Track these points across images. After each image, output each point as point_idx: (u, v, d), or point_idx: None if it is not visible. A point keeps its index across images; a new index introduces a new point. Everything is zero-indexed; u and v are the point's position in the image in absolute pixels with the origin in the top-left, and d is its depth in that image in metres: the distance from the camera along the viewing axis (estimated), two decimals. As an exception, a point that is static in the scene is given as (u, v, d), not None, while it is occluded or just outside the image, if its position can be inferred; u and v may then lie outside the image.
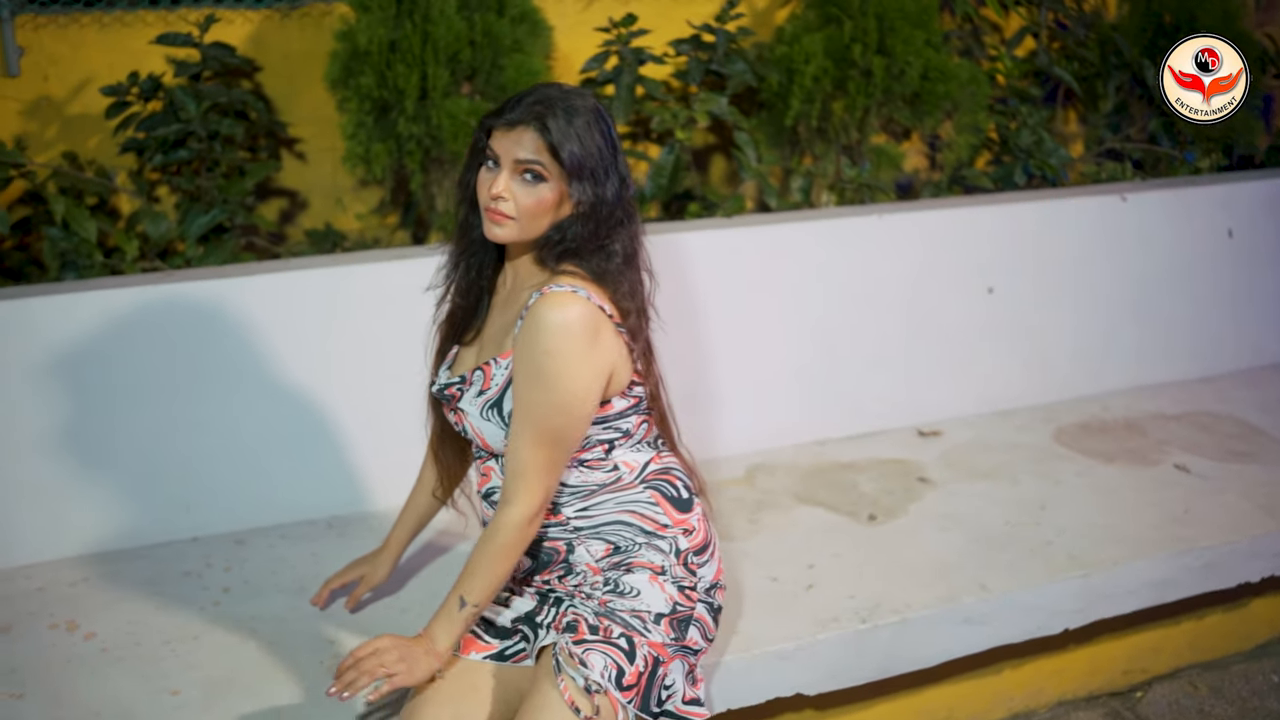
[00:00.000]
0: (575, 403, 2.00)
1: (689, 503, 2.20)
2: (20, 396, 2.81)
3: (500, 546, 2.03)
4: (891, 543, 2.91)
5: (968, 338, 3.59)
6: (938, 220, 3.53)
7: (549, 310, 1.96)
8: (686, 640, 2.13)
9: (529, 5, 3.41)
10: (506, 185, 1.99)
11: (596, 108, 2.05)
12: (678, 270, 3.25)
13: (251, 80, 3.66)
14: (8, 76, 3.47)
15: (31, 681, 2.42)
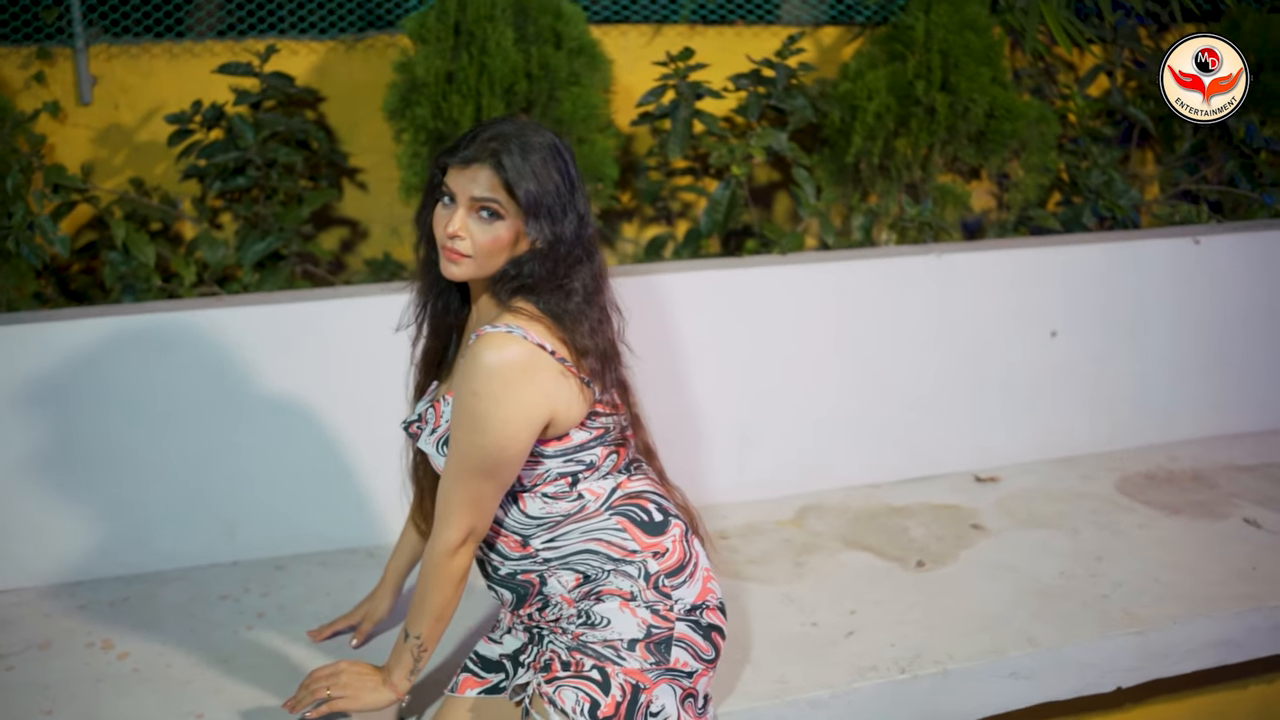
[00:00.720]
0: (501, 443, 1.98)
1: (662, 525, 2.16)
2: (68, 416, 2.85)
3: (427, 579, 2.07)
4: (938, 590, 2.82)
5: (1030, 381, 3.48)
6: (1000, 261, 3.44)
7: (481, 351, 1.96)
8: (671, 663, 2.08)
9: (588, 38, 3.41)
10: (462, 223, 1.99)
11: (554, 143, 2.03)
12: (732, 307, 3.22)
13: (315, 110, 3.71)
14: (80, 105, 3.56)
15: (63, 700, 2.43)
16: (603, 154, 3.43)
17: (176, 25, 3.56)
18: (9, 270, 3.15)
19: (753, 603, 2.77)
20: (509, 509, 2.14)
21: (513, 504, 2.13)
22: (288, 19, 3.64)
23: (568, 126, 3.36)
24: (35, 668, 2.56)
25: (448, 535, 2.04)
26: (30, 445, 2.85)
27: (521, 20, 3.33)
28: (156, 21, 3.55)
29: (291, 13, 3.63)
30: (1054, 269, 3.49)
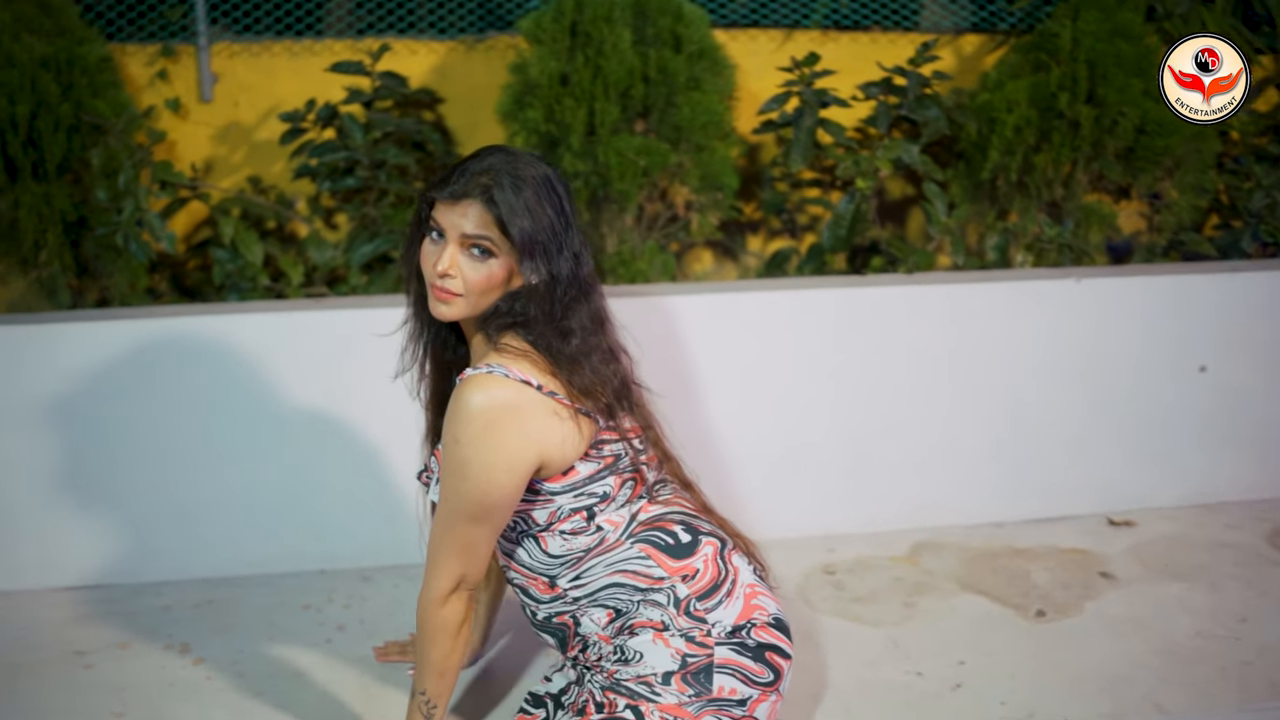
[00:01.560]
0: (485, 489, 1.89)
1: (690, 546, 2.03)
2: (164, 414, 2.83)
3: (422, 632, 2.00)
4: (1058, 644, 2.60)
5: (1174, 419, 3.21)
6: (1146, 288, 3.18)
7: (462, 394, 1.87)
8: (714, 692, 1.93)
9: (709, 41, 3.27)
10: (453, 261, 1.90)
11: (547, 176, 1.93)
12: (852, 326, 3.05)
13: (434, 111, 3.64)
14: (201, 102, 3.55)
15: (134, 703, 2.40)
16: (722, 163, 3.29)
17: (296, 24, 3.53)
18: (122, 265, 3.15)
19: (855, 646, 2.59)
20: (532, 551, 2.04)
21: (535, 545, 2.03)
22: (414, 18, 3.58)
23: (686, 133, 3.22)
24: (112, 668, 2.53)
25: (436, 584, 1.96)
26: (127, 441, 2.83)
27: (640, 22, 3.21)
28: (277, 20, 3.53)
29: (411, 11, 3.58)
30: (1207, 298, 3.21)
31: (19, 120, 3.03)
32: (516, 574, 2.09)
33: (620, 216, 3.29)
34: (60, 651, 2.59)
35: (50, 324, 2.86)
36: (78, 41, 3.17)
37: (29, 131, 3.05)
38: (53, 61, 3.09)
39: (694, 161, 3.28)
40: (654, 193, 3.31)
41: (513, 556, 2.08)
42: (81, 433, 2.82)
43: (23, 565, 2.86)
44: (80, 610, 2.75)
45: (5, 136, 3.03)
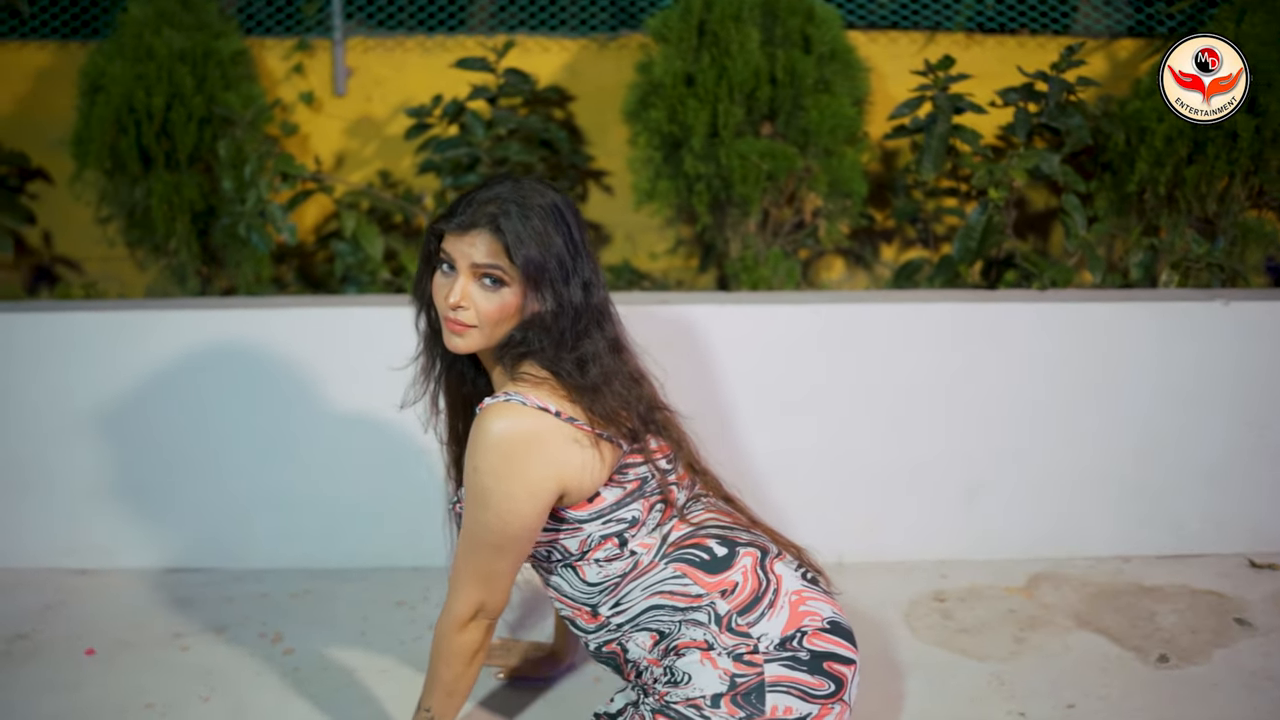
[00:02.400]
0: (506, 519, 1.87)
1: (727, 560, 1.96)
2: (271, 404, 2.86)
3: (436, 652, 2.00)
4: (1179, 694, 2.41)
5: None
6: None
7: (482, 423, 1.85)
8: (767, 713, 1.85)
9: (841, 43, 3.16)
10: (464, 292, 1.87)
11: (555, 205, 1.89)
12: (976, 343, 2.89)
13: (563, 109, 3.62)
14: (335, 96, 3.60)
15: (221, 688, 2.43)
16: (851, 168, 3.18)
17: (429, 19, 3.55)
18: (247, 255, 3.21)
19: (957, 680, 2.46)
20: (571, 581, 2.00)
21: (573, 575, 1.99)
22: (553, 15, 3.56)
23: (814, 137, 3.13)
24: (206, 651, 2.58)
25: (455, 609, 1.95)
26: (238, 428, 2.88)
27: (770, 22, 3.12)
28: (410, 16, 3.55)
29: (544, 9, 3.56)
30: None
31: (154, 111, 3.11)
32: (563, 605, 2.06)
33: (743, 221, 3.21)
34: (160, 632, 2.65)
35: (169, 310, 2.91)
36: (215, 36, 3.24)
37: (163, 122, 3.13)
38: (189, 55, 3.17)
39: (822, 166, 3.18)
40: (780, 198, 3.21)
41: (555, 588, 2.05)
42: (195, 417, 2.88)
43: (132, 544, 2.93)
44: (183, 592, 2.81)
45: (141, 126, 3.11)
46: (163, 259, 3.30)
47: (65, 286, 3.43)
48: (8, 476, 2.93)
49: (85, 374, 2.88)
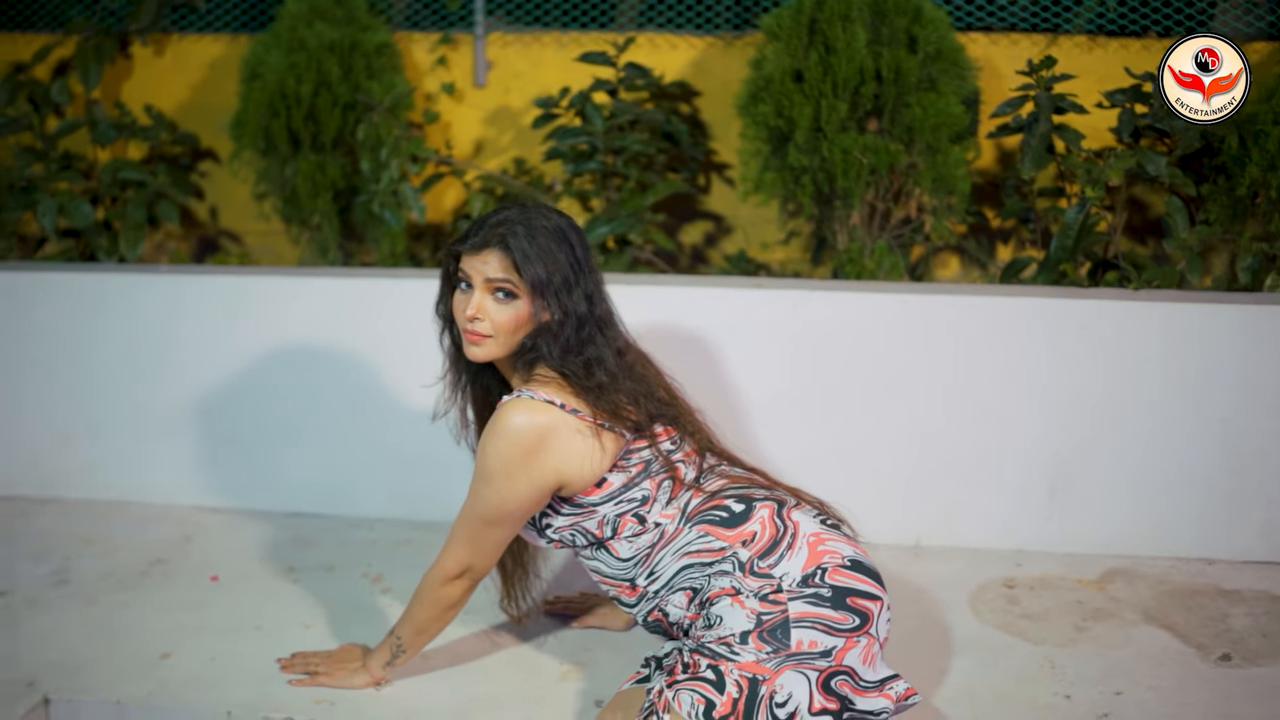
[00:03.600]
0: (503, 496, 2.10)
1: (745, 514, 2.12)
2: (385, 368, 3.11)
3: (420, 595, 2.27)
4: (1237, 692, 2.41)
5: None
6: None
7: (499, 415, 2.08)
8: (792, 647, 1.98)
9: (949, 43, 3.23)
10: (480, 305, 2.09)
11: (560, 226, 2.10)
12: (1063, 339, 2.93)
13: (689, 104, 3.78)
14: (475, 87, 3.85)
15: (321, 618, 2.69)
16: (955, 165, 3.25)
17: (563, 16, 3.76)
18: (384, 232, 3.48)
19: (1008, 660, 2.52)
20: (607, 561, 2.20)
21: (608, 555, 2.19)
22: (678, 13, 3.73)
23: (918, 134, 3.21)
24: (314, 584, 2.84)
25: (444, 564, 2.21)
26: (357, 389, 3.14)
27: (878, 22, 3.21)
28: (545, 13, 3.77)
29: (672, 7, 3.73)
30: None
31: (303, 97, 3.40)
32: (607, 586, 2.26)
33: (846, 213, 3.31)
34: (276, 567, 2.92)
35: (304, 277, 3.20)
36: (362, 29, 3.52)
37: (310, 108, 3.42)
38: (338, 46, 3.45)
39: (927, 163, 3.25)
40: (884, 193, 3.30)
41: (596, 571, 2.25)
42: (324, 376, 3.15)
43: (260, 489, 3.22)
44: (300, 533, 3.08)
45: (290, 111, 3.41)
46: (308, 233, 3.60)
47: (224, 256, 3.76)
48: (161, 421, 3.26)
49: (234, 333, 3.19)
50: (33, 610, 2.74)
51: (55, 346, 3.28)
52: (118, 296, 3.26)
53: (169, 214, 3.65)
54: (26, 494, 3.37)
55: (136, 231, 3.55)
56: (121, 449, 3.31)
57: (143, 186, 3.64)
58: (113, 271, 3.32)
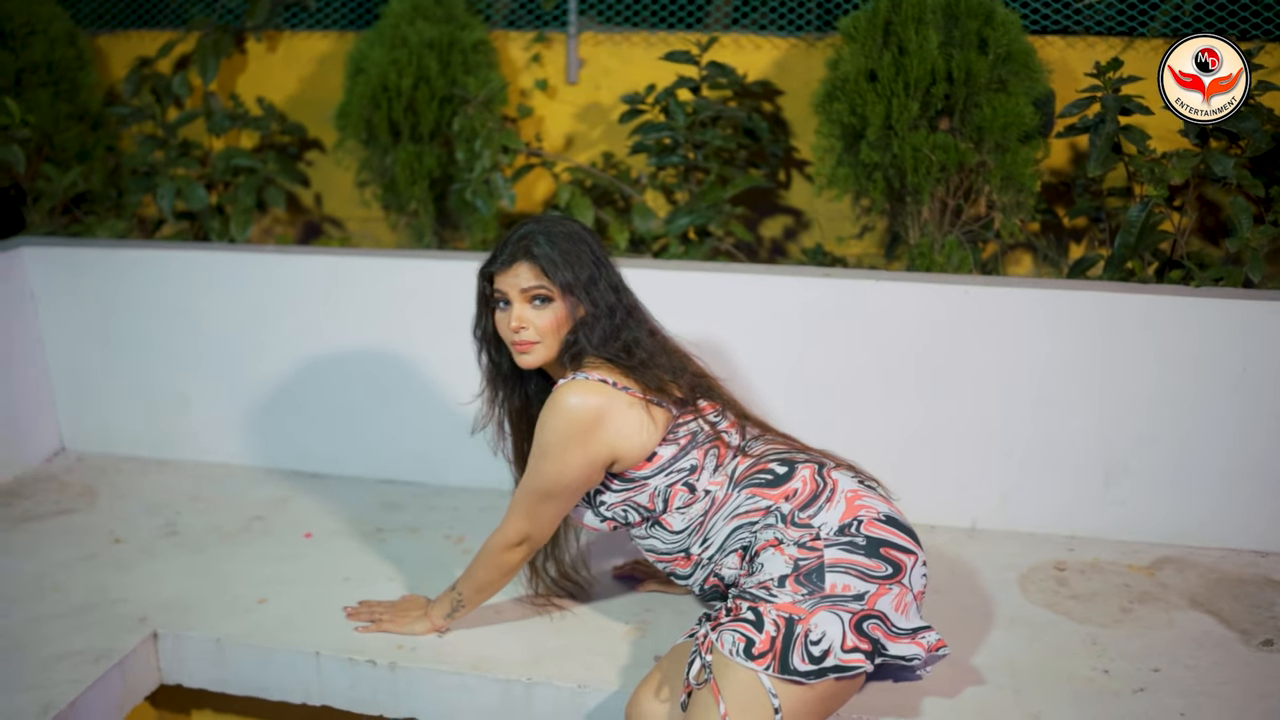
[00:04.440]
0: (559, 471, 2.27)
1: (788, 474, 2.27)
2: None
3: (482, 556, 2.47)
4: (1274, 674, 2.49)
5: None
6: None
7: (557, 395, 2.25)
8: (826, 590, 2.12)
9: (1020, 44, 3.33)
10: (521, 316, 2.25)
11: (577, 230, 2.28)
12: (1123, 331, 3.01)
13: (771, 102, 3.92)
14: (567, 84, 4.03)
15: (405, 572, 2.91)
16: (1024, 164, 3.34)
17: (651, 16, 3.93)
18: (477, 219, 3.68)
19: (1051, 635, 2.63)
20: (662, 537, 2.36)
21: (662, 530, 2.35)
22: (765, 14, 3.88)
23: (986, 133, 3.31)
24: (399, 544, 3.06)
25: (506, 531, 2.40)
26: (446, 363, 3.33)
27: (950, 24, 3.33)
28: (634, 13, 3.94)
29: (754, 9, 3.87)
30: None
31: (403, 91, 3.62)
32: (663, 563, 2.42)
33: (917, 209, 3.43)
34: (366, 527, 3.14)
35: (399, 258, 3.42)
36: (460, 27, 3.73)
37: (410, 100, 3.63)
38: (437, 43, 3.66)
39: (997, 162, 3.36)
40: (955, 190, 3.41)
41: (651, 549, 2.41)
42: (413, 351, 3.36)
43: (356, 456, 3.44)
44: (390, 498, 3.29)
45: (391, 103, 3.63)
46: (406, 219, 3.81)
47: (326, 240, 4.00)
48: (265, 390, 3.50)
49: (333, 309, 3.41)
50: (145, 557, 2.99)
51: (171, 320, 3.53)
52: (228, 274, 3.50)
53: (276, 199, 3.89)
54: (143, 455, 3.64)
55: (246, 215, 3.80)
56: (228, 416, 3.55)
57: (253, 173, 3.89)
58: (224, 250, 3.57)
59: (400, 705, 2.56)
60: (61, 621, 2.69)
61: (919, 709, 2.34)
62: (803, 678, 2.06)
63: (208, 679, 2.68)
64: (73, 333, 3.60)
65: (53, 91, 3.97)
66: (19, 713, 2.36)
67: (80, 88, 4.04)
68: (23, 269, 3.55)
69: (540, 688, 2.47)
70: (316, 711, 2.76)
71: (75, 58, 4.04)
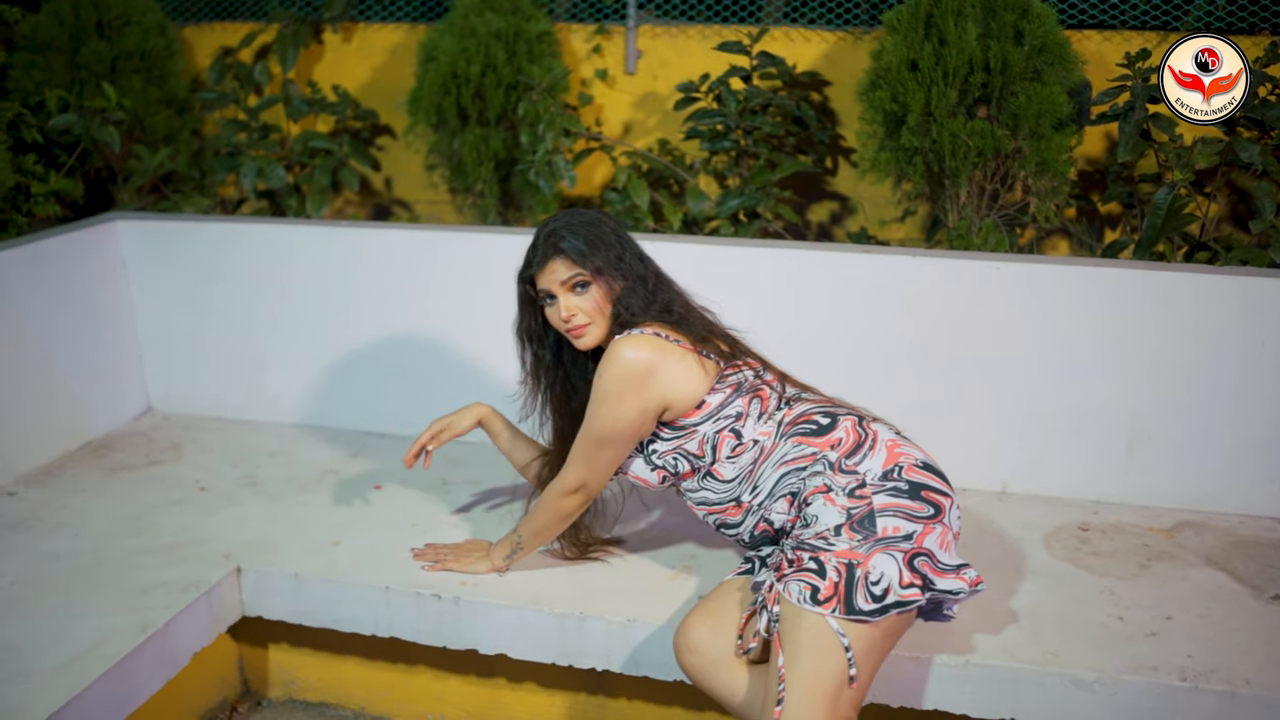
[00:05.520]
0: (617, 416, 2.46)
1: (831, 425, 2.44)
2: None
3: (542, 502, 2.67)
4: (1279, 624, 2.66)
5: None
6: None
7: (616, 347, 2.45)
8: (879, 533, 2.30)
9: (1055, 36, 3.50)
10: (568, 305, 2.47)
11: (595, 216, 2.55)
12: (1145, 306, 3.15)
13: (820, 93, 4.12)
14: (626, 74, 4.25)
15: (469, 518, 3.13)
16: (1058, 151, 3.51)
17: (705, 10, 4.14)
18: (539, 200, 3.90)
19: (1072, 587, 2.80)
20: (713, 487, 2.54)
21: (713, 480, 2.53)
22: (815, 9, 4.08)
23: (1022, 120, 3.48)
24: (463, 494, 3.30)
25: (566, 479, 2.59)
26: (486, 332, 3.54)
27: (988, 17, 3.50)
28: (691, 6, 4.15)
29: (806, 4, 4.07)
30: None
31: (471, 78, 3.85)
32: (714, 515, 2.60)
33: (955, 192, 3.61)
34: (432, 480, 3.36)
35: (465, 233, 3.64)
36: (526, 19, 3.96)
37: (478, 87, 3.87)
38: (503, 34, 3.90)
39: (1031, 148, 3.53)
40: (992, 175, 3.59)
41: (703, 502, 2.59)
42: (477, 319, 3.58)
43: (421, 416, 3.61)
44: (456, 455, 3.50)
45: (460, 89, 3.86)
46: (472, 199, 4.05)
47: (396, 220, 4.25)
48: (343, 355, 3.74)
49: (403, 279, 3.64)
50: (228, 503, 3.24)
51: (252, 289, 3.78)
52: (305, 247, 3.74)
53: (350, 180, 4.14)
54: (225, 415, 3.90)
55: (321, 194, 4.05)
56: (304, 379, 3.80)
57: (329, 155, 4.15)
58: (302, 224, 3.81)
59: (462, 637, 2.78)
60: (155, 556, 2.94)
61: (942, 645, 2.53)
62: (868, 616, 2.24)
63: (285, 611, 2.91)
64: (161, 300, 3.86)
65: (144, 78, 4.25)
66: (120, 630, 2.60)
67: (169, 75, 4.32)
68: (115, 241, 3.82)
69: (592, 621, 2.68)
70: (384, 644, 2.99)
71: (165, 47, 4.32)
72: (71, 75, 4.19)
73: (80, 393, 3.68)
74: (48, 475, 3.44)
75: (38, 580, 2.84)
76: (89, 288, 3.71)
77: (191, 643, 2.75)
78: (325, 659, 3.13)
